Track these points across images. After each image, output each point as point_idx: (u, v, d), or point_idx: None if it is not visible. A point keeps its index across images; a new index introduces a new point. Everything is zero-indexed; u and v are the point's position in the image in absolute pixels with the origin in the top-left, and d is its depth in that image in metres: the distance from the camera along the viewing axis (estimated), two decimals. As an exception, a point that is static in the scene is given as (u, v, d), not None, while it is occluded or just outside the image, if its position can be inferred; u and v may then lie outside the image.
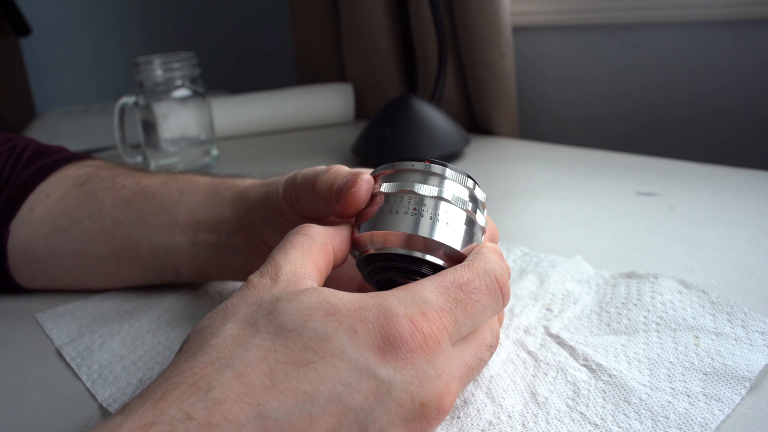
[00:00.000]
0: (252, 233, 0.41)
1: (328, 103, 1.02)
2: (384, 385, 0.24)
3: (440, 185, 0.30)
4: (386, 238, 0.29)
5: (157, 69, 0.79)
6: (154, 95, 0.79)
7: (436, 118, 0.78)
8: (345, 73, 1.09)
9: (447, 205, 0.30)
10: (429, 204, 0.29)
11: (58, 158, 0.49)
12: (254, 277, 0.28)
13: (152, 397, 0.22)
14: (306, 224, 0.31)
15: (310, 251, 0.29)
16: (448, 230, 0.29)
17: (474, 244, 0.31)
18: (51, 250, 0.45)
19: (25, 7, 1.14)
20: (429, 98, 0.83)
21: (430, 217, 0.29)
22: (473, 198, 0.31)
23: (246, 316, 0.25)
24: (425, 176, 0.30)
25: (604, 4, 0.87)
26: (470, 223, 0.30)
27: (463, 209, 0.30)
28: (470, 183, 0.31)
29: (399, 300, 0.25)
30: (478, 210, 0.31)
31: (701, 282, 0.42)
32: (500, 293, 0.28)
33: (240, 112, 1.00)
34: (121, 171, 0.48)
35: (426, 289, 0.26)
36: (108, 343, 0.40)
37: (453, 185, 0.30)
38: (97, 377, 0.37)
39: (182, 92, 0.80)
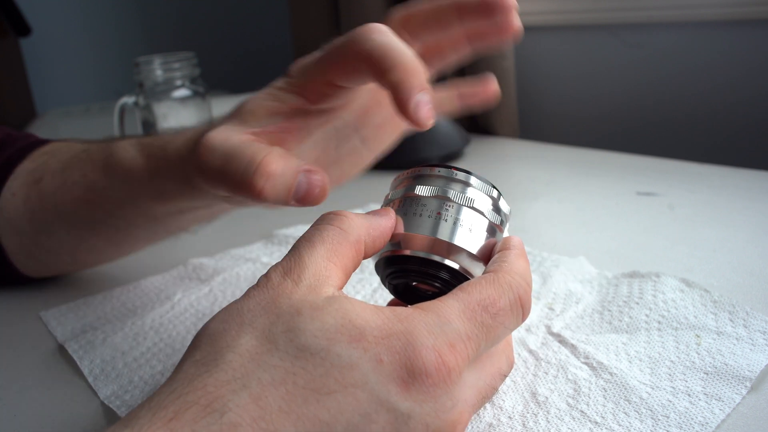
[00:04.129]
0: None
1: (328, 103, 1.02)
2: (403, 417, 0.23)
3: (464, 191, 0.30)
4: (407, 240, 0.29)
5: (157, 69, 0.78)
6: (154, 95, 0.79)
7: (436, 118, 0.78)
8: (345, 73, 1.08)
9: (469, 211, 0.29)
10: (451, 209, 0.29)
11: (13, 152, 0.46)
12: (275, 276, 0.26)
13: (164, 415, 0.21)
14: (340, 213, 0.28)
15: (340, 249, 0.27)
16: (470, 236, 0.29)
17: (494, 239, 0.30)
18: (44, 250, 0.45)
19: (25, 7, 1.14)
20: (429, 98, 0.83)
21: (452, 222, 0.29)
22: (497, 208, 0.31)
23: (264, 328, 0.24)
24: (448, 182, 0.30)
25: (604, 4, 0.87)
26: (492, 231, 0.30)
27: (485, 217, 0.30)
28: (495, 193, 0.31)
29: (428, 329, 0.24)
30: (501, 220, 0.31)
31: (702, 282, 0.42)
32: (521, 312, 0.27)
33: (240, 112, 1.00)
34: (67, 159, 0.44)
35: (454, 313, 0.25)
36: (110, 339, 0.40)
37: (477, 193, 0.30)
38: (99, 372, 0.37)
39: (182, 92, 0.80)
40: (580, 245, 0.50)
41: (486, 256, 0.29)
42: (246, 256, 0.52)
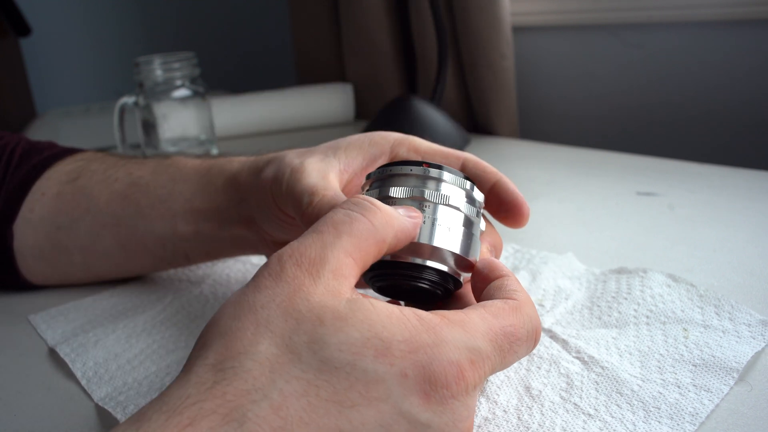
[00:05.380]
0: (252, 224, 0.41)
1: (328, 103, 1.02)
2: (422, 427, 0.23)
3: (438, 188, 0.30)
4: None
5: (157, 69, 0.79)
6: (154, 95, 0.79)
7: (436, 118, 0.78)
8: (345, 73, 1.09)
9: (445, 209, 0.30)
10: (428, 209, 0.29)
11: (49, 155, 0.49)
12: (291, 267, 0.24)
13: (178, 420, 0.20)
14: (376, 205, 0.27)
15: (364, 246, 0.26)
16: (448, 234, 0.29)
17: (471, 231, 0.30)
18: (58, 248, 0.46)
19: (25, 7, 1.14)
20: (429, 98, 0.83)
21: (430, 223, 0.29)
22: (471, 199, 0.31)
23: (283, 335, 0.23)
24: (422, 180, 0.30)
25: (604, 4, 0.87)
26: (468, 224, 0.30)
27: (461, 211, 0.30)
28: (468, 185, 0.31)
29: (455, 344, 0.24)
30: (476, 211, 0.31)
31: (702, 282, 0.42)
32: (533, 344, 0.28)
33: (240, 112, 1.00)
34: (111, 162, 0.48)
35: (479, 332, 0.25)
36: (102, 341, 0.40)
37: (450, 188, 0.30)
38: (92, 375, 0.37)
39: (182, 92, 0.80)
40: (579, 245, 0.50)
41: (465, 249, 0.30)
42: (236, 257, 0.52)
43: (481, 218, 0.32)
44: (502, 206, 0.36)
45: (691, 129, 0.84)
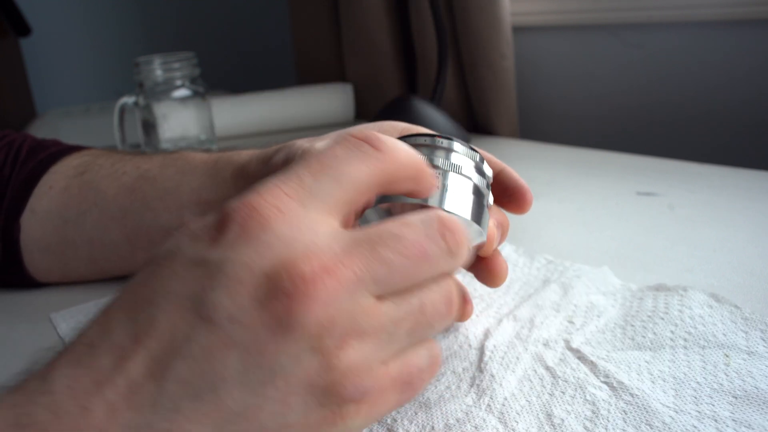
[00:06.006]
0: None
1: (328, 103, 1.02)
2: (213, 265, 0.21)
3: (447, 157, 0.31)
4: (398, 210, 0.30)
5: (157, 69, 0.79)
6: (154, 95, 0.79)
7: (436, 118, 0.78)
8: (345, 73, 1.09)
9: (456, 176, 0.30)
10: (439, 176, 0.30)
11: (55, 151, 0.49)
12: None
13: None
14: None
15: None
16: (459, 200, 0.30)
17: (481, 201, 0.31)
18: (64, 241, 0.46)
19: (25, 7, 1.14)
20: (429, 98, 0.83)
21: (441, 188, 0.30)
22: (480, 171, 0.32)
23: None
24: (434, 150, 0.31)
25: (604, 4, 0.87)
26: (478, 193, 0.31)
27: (471, 180, 0.31)
28: (477, 157, 0.32)
29: (244, 193, 0.23)
30: (486, 183, 0.32)
31: (701, 282, 0.42)
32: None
33: (240, 112, 1.00)
34: (118, 157, 0.48)
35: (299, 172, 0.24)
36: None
37: (460, 157, 0.31)
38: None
39: (182, 92, 0.80)
40: (579, 245, 0.50)
41: (476, 217, 0.30)
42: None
43: (490, 192, 0.32)
44: (506, 192, 0.37)
45: (691, 129, 0.84)
